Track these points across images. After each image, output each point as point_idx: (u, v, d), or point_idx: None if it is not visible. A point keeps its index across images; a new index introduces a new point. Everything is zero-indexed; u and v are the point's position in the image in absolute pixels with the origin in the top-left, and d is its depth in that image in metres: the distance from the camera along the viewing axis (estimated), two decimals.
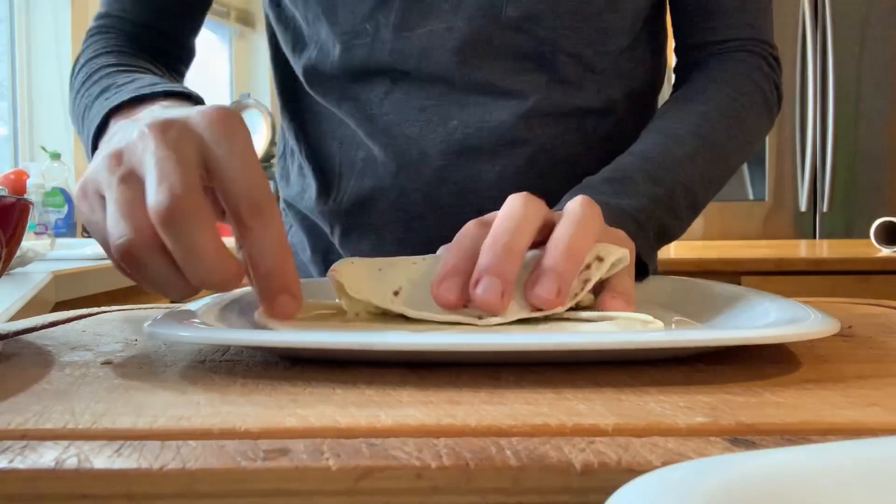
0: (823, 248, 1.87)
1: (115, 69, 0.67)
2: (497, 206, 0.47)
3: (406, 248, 0.73)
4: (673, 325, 0.47)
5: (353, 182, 0.75)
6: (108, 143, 0.42)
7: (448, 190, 0.72)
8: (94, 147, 0.57)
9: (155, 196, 0.37)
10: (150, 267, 0.38)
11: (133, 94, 0.54)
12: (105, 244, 0.40)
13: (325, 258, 0.82)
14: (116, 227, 0.38)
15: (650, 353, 0.38)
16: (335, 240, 0.79)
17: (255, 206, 0.38)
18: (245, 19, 3.84)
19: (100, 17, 0.78)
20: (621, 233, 0.52)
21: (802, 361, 0.39)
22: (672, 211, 0.64)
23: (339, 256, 0.78)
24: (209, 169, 0.39)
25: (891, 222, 1.72)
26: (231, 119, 0.40)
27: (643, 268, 0.59)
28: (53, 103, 2.70)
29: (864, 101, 2.54)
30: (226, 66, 3.85)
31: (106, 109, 0.55)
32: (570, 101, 0.72)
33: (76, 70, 0.72)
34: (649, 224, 0.61)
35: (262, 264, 0.39)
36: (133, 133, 0.40)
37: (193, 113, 0.40)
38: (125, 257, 0.38)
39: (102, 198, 0.40)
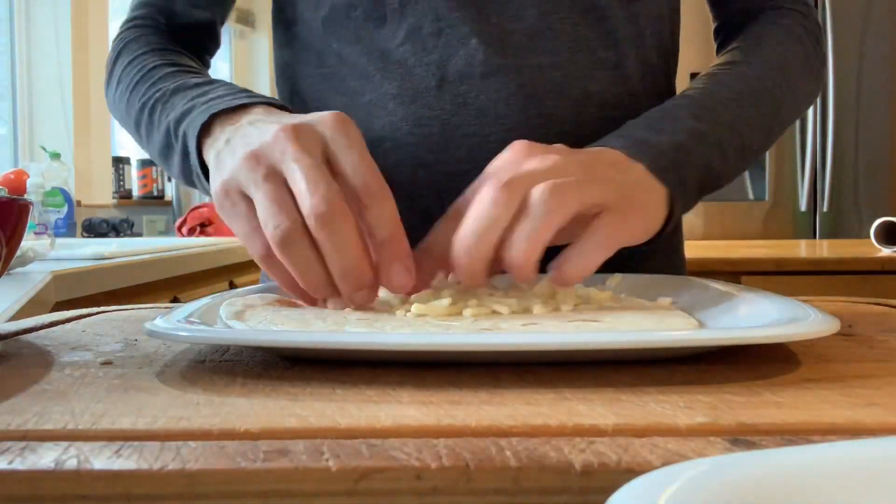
0: (823, 248, 1.87)
1: (175, 69, 0.70)
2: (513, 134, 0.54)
3: (421, 188, 0.71)
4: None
5: (363, 126, 0.73)
6: (239, 146, 0.48)
7: (468, 116, 0.70)
8: (199, 145, 0.58)
9: (310, 201, 0.43)
10: (301, 254, 0.44)
11: (239, 102, 0.57)
12: (251, 237, 0.46)
13: None
14: (273, 218, 0.44)
15: (650, 353, 0.38)
16: None
17: (370, 188, 0.45)
18: (245, 19, 3.84)
19: (137, 7, 0.79)
20: (608, 172, 0.52)
21: (802, 361, 0.39)
22: (719, 148, 0.63)
23: None
24: (331, 161, 0.46)
25: (891, 222, 1.72)
26: (345, 121, 0.48)
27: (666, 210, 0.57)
28: (53, 103, 2.70)
29: (864, 101, 2.54)
30: (226, 65, 3.85)
31: (211, 112, 0.57)
32: (598, 26, 0.71)
33: (125, 62, 0.73)
34: (691, 158, 0.60)
35: (379, 234, 0.45)
36: (266, 136, 0.47)
37: (314, 118, 0.48)
38: (281, 244, 0.44)
39: (245, 196, 0.46)
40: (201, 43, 0.81)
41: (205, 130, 0.58)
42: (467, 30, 0.69)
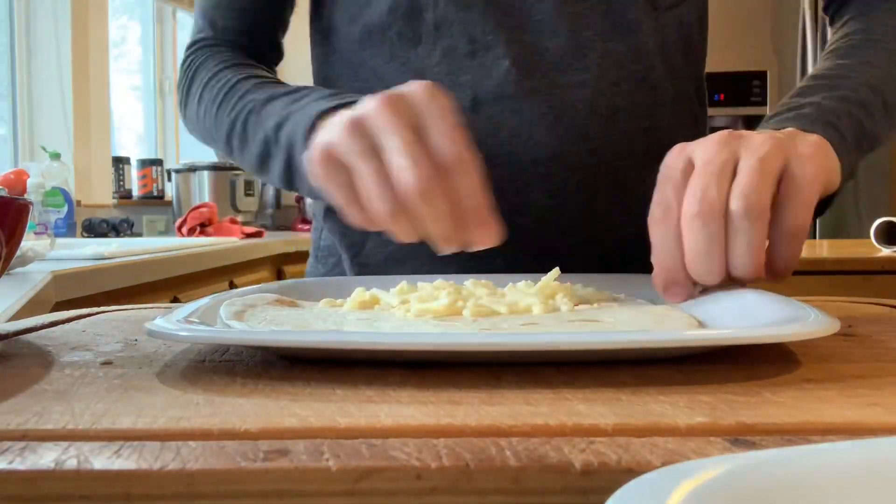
0: (823, 248, 1.87)
1: (257, 81, 0.73)
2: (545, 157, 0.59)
3: None
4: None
5: None
6: (342, 120, 0.50)
7: (501, 137, 0.71)
8: (305, 142, 0.60)
9: (410, 176, 0.46)
10: (405, 226, 0.48)
11: (339, 102, 0.60)
12: (354, 205, 0.49)
13: (359, 253, 0.80)
14: (380, 198, 0.47)
15: (650, 353, 0.38)
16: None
17: (460, 159, 0.48)
18: None
19: (200, 29, 0.82)
20: (813, 138, 0.51)
21: (802, 361, 0.39)
22: (864, 107, 0.63)
23: (372, 254, 0.77)
24: (421, 131, 0.48)
25: (891, 222, 1.72)
26: (435, 91, 0.50)
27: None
28: (53, 103, 2.70)
29: None
30: None
31: (317, 111, 0.60)
32: (628, 39, 0.72)
33: (204, 81, 0.76)
34: (840, 117, 0.60)
35: (466, 202, 0.48)
36: (365, 106, 0.49)
37: (407, 89, 0.50)
38: (390, 219, 0.47)
39: (343, 165, 0.49)
40: (266, 56, 0.83)
41: (310, 131, 0.59)
42: (500, 51, 0.70)
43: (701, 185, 0.47)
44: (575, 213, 0.72)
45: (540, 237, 0.72)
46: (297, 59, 0.83)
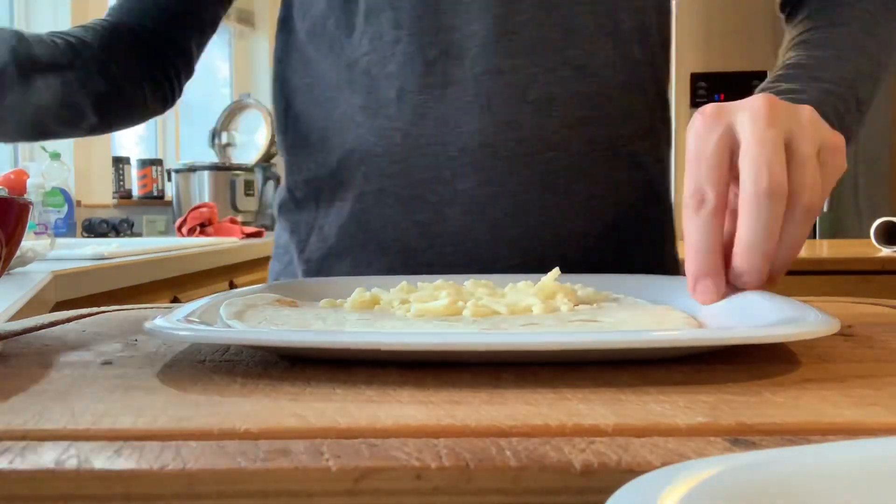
0: (823, 248, 1.87)
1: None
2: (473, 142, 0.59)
3: (387, 198, 0.72)
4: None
5: (338, 139, 0.74)
6: None
7: (427, 126, 0.70)
8: None
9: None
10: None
11: None
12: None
13: (304, 249, 0.80)
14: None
15: (650, 353, 0.38)
16: (320, 209, 0.77)
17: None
18: (245, 19, 3.84)
19: (110, 9, 0.80)
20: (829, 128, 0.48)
21: (802, 361, 0.39)
22: (843, 102, 0.62)
23: (314, 249, 0.77)
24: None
25: (891, 222, 1.72)
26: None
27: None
28: None
29: None
30: (225, 65, 3.85)
31: None
32: (564, 22, 0.69)
33: None
34: (827, 110, 0.59)
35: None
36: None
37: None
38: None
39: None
40: (172, 60, 0.81)
41: None
42: (426, 39, 0.69)
43: (766, 162, 0.44)
44: (507, 206, 0.70)
45: (470, 229, 0.70)
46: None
